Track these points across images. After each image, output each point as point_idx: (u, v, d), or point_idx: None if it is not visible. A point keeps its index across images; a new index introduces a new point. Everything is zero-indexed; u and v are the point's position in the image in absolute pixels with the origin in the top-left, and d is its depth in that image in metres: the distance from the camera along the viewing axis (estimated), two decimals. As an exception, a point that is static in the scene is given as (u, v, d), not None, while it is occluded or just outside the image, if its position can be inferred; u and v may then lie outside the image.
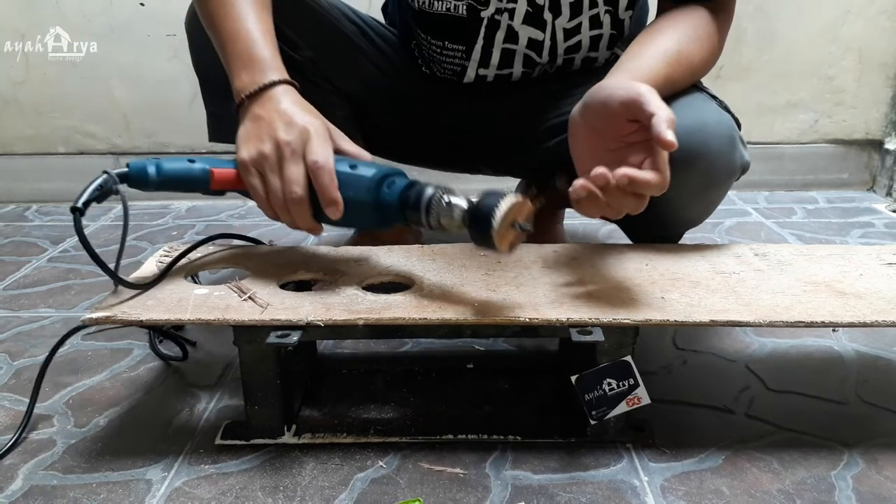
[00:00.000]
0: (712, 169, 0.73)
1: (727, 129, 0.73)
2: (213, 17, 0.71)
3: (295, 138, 0.63)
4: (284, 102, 0.65)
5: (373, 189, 0.63)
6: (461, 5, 0.81)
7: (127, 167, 0.65)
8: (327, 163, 0.62)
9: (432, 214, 0.61)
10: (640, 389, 0.64)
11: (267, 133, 0.64)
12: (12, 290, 1.10)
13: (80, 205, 0.61)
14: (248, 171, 0.65)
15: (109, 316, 0.62)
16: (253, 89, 0.66)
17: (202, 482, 0.64)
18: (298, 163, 0.62)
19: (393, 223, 0.65)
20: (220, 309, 0.63)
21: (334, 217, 0.63)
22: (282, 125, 0.63)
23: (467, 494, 0.62)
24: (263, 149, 0.63)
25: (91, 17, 1.50)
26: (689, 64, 0.74)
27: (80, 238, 0.61)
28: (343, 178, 0.63)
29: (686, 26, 0.75)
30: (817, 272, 0.73)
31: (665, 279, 0.70)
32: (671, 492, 0.62)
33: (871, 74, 1.55)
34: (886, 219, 1.44)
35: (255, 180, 0.64)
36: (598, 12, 0.82)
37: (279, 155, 0.63)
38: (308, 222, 0.65)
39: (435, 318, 0.62)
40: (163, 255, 0.76)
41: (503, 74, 0.88)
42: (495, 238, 0.57)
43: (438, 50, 0.87)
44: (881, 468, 0.65)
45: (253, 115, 0.66)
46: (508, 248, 0.59)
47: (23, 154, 1.60)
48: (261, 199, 0.65)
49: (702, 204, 0.79)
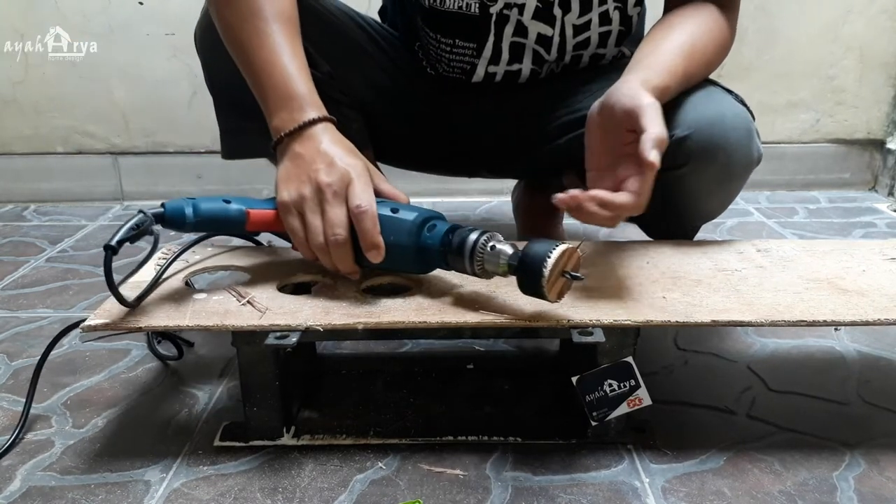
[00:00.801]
0: (731, 161, 0.74)
1: (745, 121, 0.74)
2: (246, 44, 0.69)
3: (337, 180, 0.62)
4: (325, 142, 0.64)
5: (414, 233, 0.63)
6: (474, 3, 0.81)
7: (162, 207, 0.63)
8: (370, 207, 0.61)
9: (476, 261, 0.60)
10: (641, 390, 0.64)
11: (307, 174, 0.63)
12: (10, 290, 1.10)
13: (113, 243, 0.59)
14: (289, 211, 0.64)
15: (108, 323, 0.61)
16: (292, 127, 0.65)
17: (201, 483, 0.64)
18: (341, 205, 0.62)
19: (434, 267, 0.65)
20: (219, 314, 0.63)
21: (375, 261, 0.62)
22: (323, 166, 0.63)
23: (467, 496, 0.61)
24: (304, 191, 0.62)
25: (90, 17, 1.49)
26: (704, 56, 0.75)
27: (107, 278, 0.59)
28: (385, 221, 0.62)
29: (697, 20, 0.76)
30: (820, 268, 0.73)
31: (666, 278, 0.70)
32: (672, 493, 0.62)
33: (872, 74, 1.55)
34: (888, 218, 1.44)
35: (295, 222, 0.64)
36: (608, 8, 0.82)
37: (321, 197, 0.62)
38: (349, 266, 0.64)
39: (435, 321, 0.61)
40: (161, 256, 0.76)
41: (512, 71, 0.88)
42: (545, 288, 0.57)
43: (448, 49, 0.87)
44: (883, 469, 0.65)
45: (293, 154, 0.65)
46: (557, 297, 0.59)
47: (21, 154, 1.60)
48: (300, 240, 0.64)
49: (720, 196, 0.81)
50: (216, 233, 0.68)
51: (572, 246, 0.58)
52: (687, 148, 0.73)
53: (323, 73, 0.83)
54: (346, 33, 0.87)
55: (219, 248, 0.79)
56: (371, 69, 0.90)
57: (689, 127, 0.73)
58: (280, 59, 0.67)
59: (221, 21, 0.71)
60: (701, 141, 0.72)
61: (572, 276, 0.58)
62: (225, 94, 0.86)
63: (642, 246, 0.79)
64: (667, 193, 0.78)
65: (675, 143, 0.73)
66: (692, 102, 0.75)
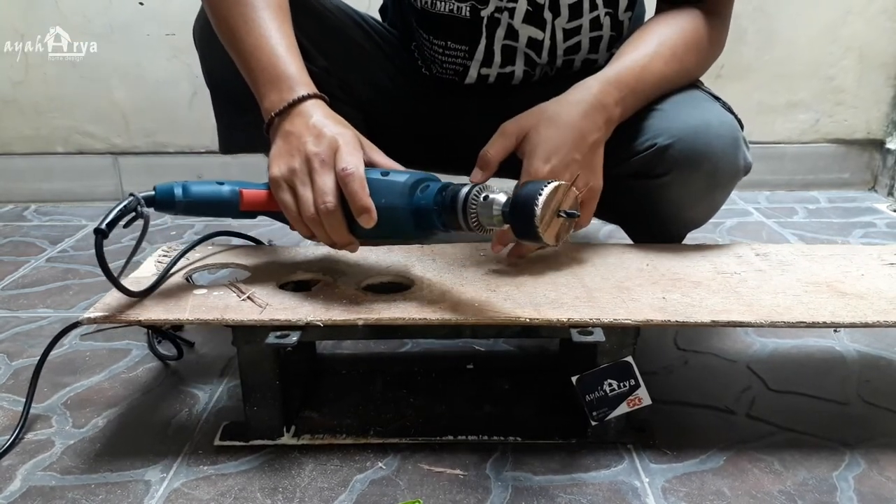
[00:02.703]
0: (716, 170, 0.73)
1: (731, 129, 0.73)
2: (235, 31, 0.69)
3: (324, 149, 0.61)
4: (315, 116, 0.63)
5: (406, 194, 0.60)
6: (464, 7, 0.81)
7: (153, 190, 0.63)
8: (357, 169, 0.60)
9: (471, 214, 0.57)
10: (641, 390, 0.64)
11: (297, 148, 0.62)
12: (11, 290, 1.10)
13: (103, 226, 0.59)
14: (280, 186, 0.63)
15: (108, 316, 0.61)
16: (282, 106, 0.65)
17: (201, 483, 0.64)
18: (329, 173, 0.60)
19: (432, 230, 0.62)
20: (219, 309, 0.63)
21: (367, 225, 0.60)
22: (311, 138, 0.62)
23: (467, 496, 0.62)
24: (294, 164, 0.62)
25: (91, 17, 1.49)
26: (681, 61, 0.75)
27: (100, 260, 0.59)
28: (375, 184, 0.60)
29: (679, 26, 0.76)
30: (818, 272, 0.73)
31: (666, 279, 0.70)
32: (672, 493, 0.62)
33: (871, 74, 1.55)
34: (888, 218, 1.44)
35: (287, 196, 0.63)
36: (598, 14, 0.82)
37: (310, 167, 0.61)
38: (343, 236, 0.63)
39: (435, 318, 0.61)
40: (161, 254, 0.76)
41: (505, 73, 0.88)
42: (540, 228, 0.53)
43: (440, 50, 0.87)
44: (883, 469, 0.65)
45: (283, 133, 0.64)
46: (555, 239, 0.56)
47: (22, 154, 1.60)
48: (293, 215, 0.63)
49: (705, 205, 0.80)
50: (210, 215, 0.66)
51: (565, 184, 0.55)
52: (669, 157, 0.72)
53: (319, 67, 0.82)
54: (344, 31, 0.87)
55: (220, 247, 0.79)
56: (369, 67, 0.90)
57: (671, 136, 0.72)
58: (268, 42, 0.67)
59: (212, 10, 0.72)
60: (684, 150, 0.72)
61: (568, 214, 0.56)
62: (222, 89, 0.86)
63: (642, 248, 0.79)
64: (650, 201, 0.78)
65: (657, 151, 0.73)
66: (676, 110, 0.75)
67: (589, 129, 0.69)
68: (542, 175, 0.67)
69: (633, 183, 0.78)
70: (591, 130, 0.69)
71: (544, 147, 0.68)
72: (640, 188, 0.78)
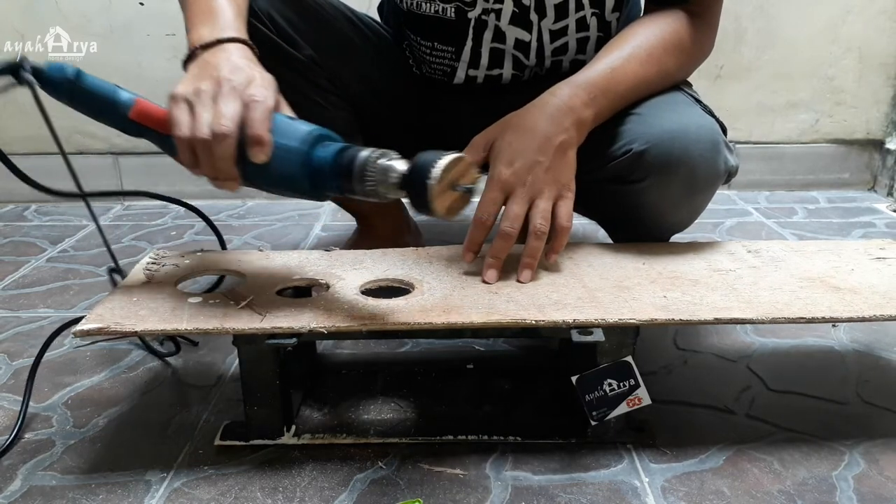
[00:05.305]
0: (694, 175, 0.72)
1: (709, 133, 0.73)
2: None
3: (238, 78, 0.57)
4: (236, 56, 0.60)
5: (307, 141, 0.56)
6: (449, 8, 0.81)
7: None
8: (266, 100, 0.56)
9: (367, 181, 0.54)
10: (640, 390, 0.64)
11: (209, 74, 0.58)
12: (11, 290, 1.10)
13: None
14: (177, 103, 0.57)
15: (102, 328, 0.60)
16: (209, 40, 0.61)
17: (201, 483, 0.64)
18: (236, 100, 0.56)
19: (324, 191, 0.58)
20: (219, 317, 0.62)
21: (258, 159, 0.56)
22: (228, 68, 0.58)
23: (467, 495, 0.62)
24: (200, 84, 0.57)
25: (91, 18, 1.49)
26: (659, 63, 0.75)
27: None
28: (279, 123, 0.57)
29: (660, 28, 0.76)
30: (810, 268, 0.73)
31: (664, 278, 0.70)
32: (672, 492, 0.62)
33: (871, 74, 1.55)
34: (888, 218, 1.44)
35: (182, 114, 0.57)
36: (585, 15, 0.82)
37: (216, 90, 0.57)
38: (229, 169, 0.57)
39: (440, 321, 0.61)
40: (150, 262, 0.75)
41: (493, 76, 0.88)
42: (432, 199, 0.52)
43: (428, 51, 0.87)
44: (882, 468, 0.65)
45: (201, 61, 0.60)
46: (447, 211, 0.54)
47: (22, 154, 1.59)
48: (182, 134, 0.57)
49: (686, 209, 0.79)
50: (94, 116, 0.62)
51: (462, 157, 0.55)
52: (645, 162, 0.72)
53: (305, 55, 0.82)
54: (334, 24, 0.87)
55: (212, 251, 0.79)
56: (360, 63, 0.90)
57: (647, 141, 0.72)
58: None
59: None
60: (660, 155, 0.71)
61: (464, 189, 0.55)
62: None
63: (637, 247, 0.79)
64: (631, 205, 0.78)
65: (633, 157, 0.73)
66: (654, 115, 0.74)
67: (554, 132, 0.69)
68: (503, 179, 0.68)
69: (613, 188, 0.77)
70: (556, 133, 0.69)
71: (507, 151, 0.69)
72: (619, 193, 0.77)
